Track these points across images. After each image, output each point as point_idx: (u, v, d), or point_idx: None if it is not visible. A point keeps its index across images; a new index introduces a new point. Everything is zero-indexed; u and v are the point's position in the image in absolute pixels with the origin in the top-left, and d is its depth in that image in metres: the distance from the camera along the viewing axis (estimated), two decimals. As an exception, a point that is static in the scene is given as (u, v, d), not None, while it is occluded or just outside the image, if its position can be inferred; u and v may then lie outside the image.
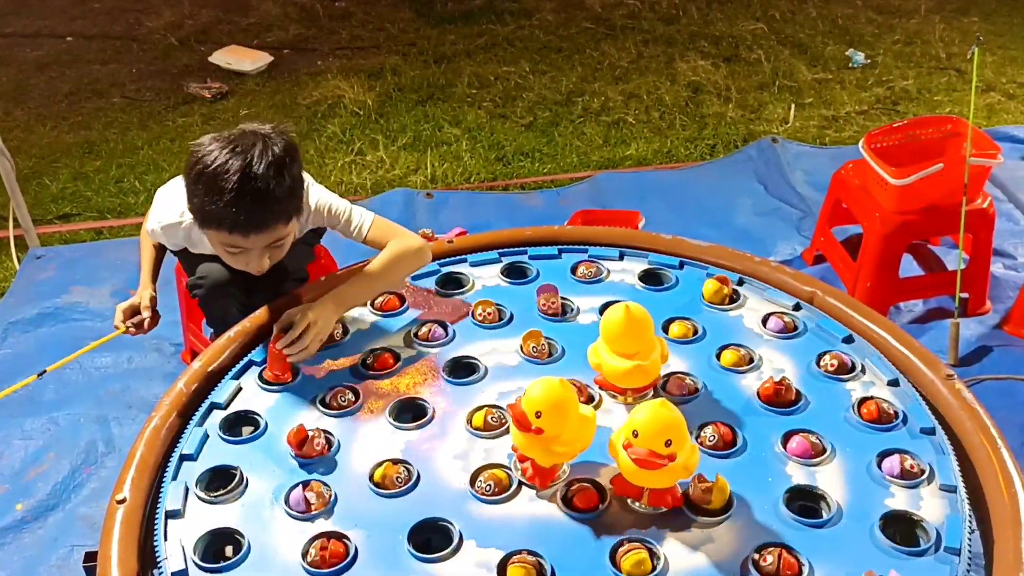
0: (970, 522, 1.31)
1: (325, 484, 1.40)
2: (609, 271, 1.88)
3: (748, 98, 4.15)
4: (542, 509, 1.36)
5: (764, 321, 1.72)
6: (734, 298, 1.78)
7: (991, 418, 1.47)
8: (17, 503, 2.21)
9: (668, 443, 1.26)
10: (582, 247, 1.95)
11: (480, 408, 1.53)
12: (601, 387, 1.57)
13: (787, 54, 4.54)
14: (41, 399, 2.51)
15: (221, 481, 1.43)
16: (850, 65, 4.42)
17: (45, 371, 1.96)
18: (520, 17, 5.04)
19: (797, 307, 1.76)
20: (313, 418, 1.54)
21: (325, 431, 1.49)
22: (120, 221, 3.42)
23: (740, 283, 1.83)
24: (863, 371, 1.60)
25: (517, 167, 3.71)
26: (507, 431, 1.47)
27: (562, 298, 1.77)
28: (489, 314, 1.75)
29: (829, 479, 1.38)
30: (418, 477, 1.41)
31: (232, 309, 1.94)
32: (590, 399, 1.54)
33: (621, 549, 1.27)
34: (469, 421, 1.51)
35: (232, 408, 1.58)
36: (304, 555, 1.29)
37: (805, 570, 1.23)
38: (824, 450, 1.42)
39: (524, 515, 1.35)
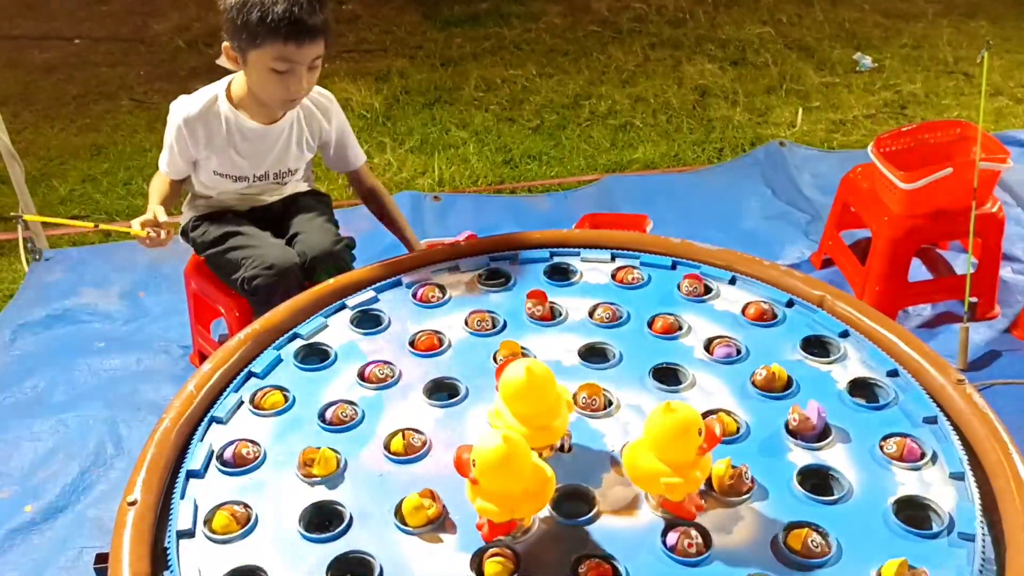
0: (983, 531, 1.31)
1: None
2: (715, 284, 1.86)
3: (755, 101, 4.14)
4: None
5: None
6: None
7: (1002, 423, 1.46)
8: (26, 505, 2.21)
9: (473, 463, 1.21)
10: (631, 252, 1.95)
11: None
12: None
13: (794, 58, 4.54)
14: (50, 401, 2.52)
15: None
16: (857, 69, 4.42)
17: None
18: (527, 20, 5.05)
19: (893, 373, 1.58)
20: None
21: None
22: (129, 223, 3.42)
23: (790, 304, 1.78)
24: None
25: (524, 170, 3.71)
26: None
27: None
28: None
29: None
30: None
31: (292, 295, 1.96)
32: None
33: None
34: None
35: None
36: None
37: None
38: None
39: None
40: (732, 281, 1.83)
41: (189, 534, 1.34)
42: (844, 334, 1.66)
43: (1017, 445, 1.42)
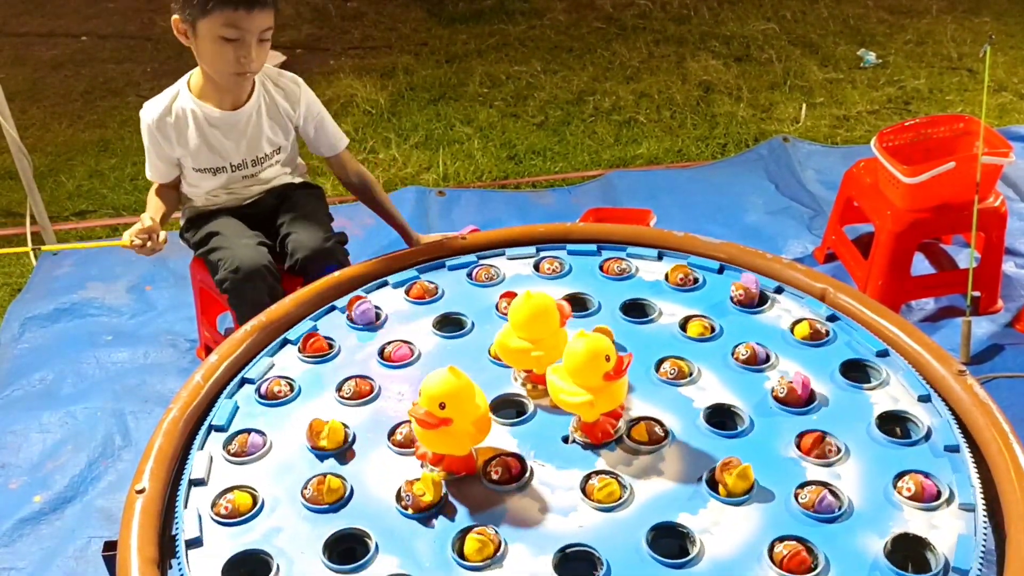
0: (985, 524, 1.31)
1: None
2: (637, 268, 1.88)
3: (759, 97, 4.15)
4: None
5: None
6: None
7: (1003, 413, 1.47)
8: (35, 495, 2.23)
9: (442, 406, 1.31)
10: (592, 244, 1.96)
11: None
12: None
13: (798, 54, 4.54)
14: (59, 393, 2.54)
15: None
16: (861, 65, 4.42)
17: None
18: (531, 17, 5.06)
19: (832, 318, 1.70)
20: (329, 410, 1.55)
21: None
22: (135, 218, 3.40)
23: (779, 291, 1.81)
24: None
25: (529, 165, 3.73)
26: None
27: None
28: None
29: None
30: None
31: (264, 296, 1.98)
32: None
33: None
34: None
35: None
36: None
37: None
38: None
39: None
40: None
41: (201, 483, 1.41)
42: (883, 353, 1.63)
43: (1018, 436, 1.43)
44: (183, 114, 2.11)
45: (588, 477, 1.37)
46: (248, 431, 1.50)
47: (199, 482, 1.43)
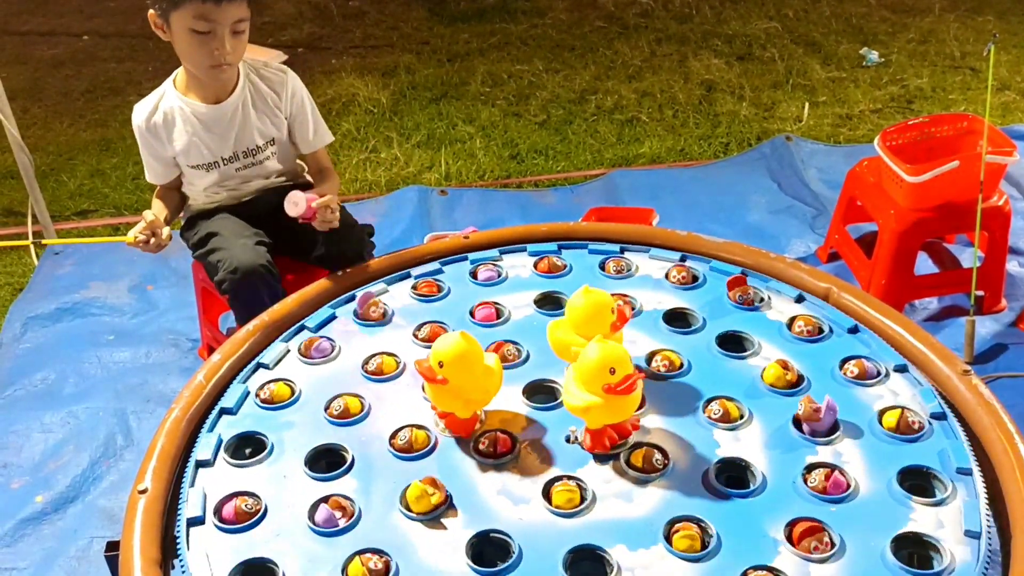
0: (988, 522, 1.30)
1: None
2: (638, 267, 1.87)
3: (762, 96, 4.14)
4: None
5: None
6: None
7: (1008, 413, 1.47)
8: (37, 495, 2.23)
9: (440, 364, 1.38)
10: (602, 243, 1.95)
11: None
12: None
13: (801, 53, 4.53)
14: (60, 393, 2.54)
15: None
16: (864, 64, 4.41)
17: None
18: (533, 16, 5.05)
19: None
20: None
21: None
22: (137, 217, 3.38)
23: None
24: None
25: (531, 165, 3.72)
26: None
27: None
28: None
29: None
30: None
31: (263, 297, 1.98)
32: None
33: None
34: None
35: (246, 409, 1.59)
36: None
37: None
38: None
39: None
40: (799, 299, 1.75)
41: (199, 521, 1.35)
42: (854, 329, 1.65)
43: (1023, 435, 1.43)
44: (170, 112, 2.11)
45: (558, 479, 1.36)
46: (325, 338, 1.64)
47: (264, 366, 1.59)
